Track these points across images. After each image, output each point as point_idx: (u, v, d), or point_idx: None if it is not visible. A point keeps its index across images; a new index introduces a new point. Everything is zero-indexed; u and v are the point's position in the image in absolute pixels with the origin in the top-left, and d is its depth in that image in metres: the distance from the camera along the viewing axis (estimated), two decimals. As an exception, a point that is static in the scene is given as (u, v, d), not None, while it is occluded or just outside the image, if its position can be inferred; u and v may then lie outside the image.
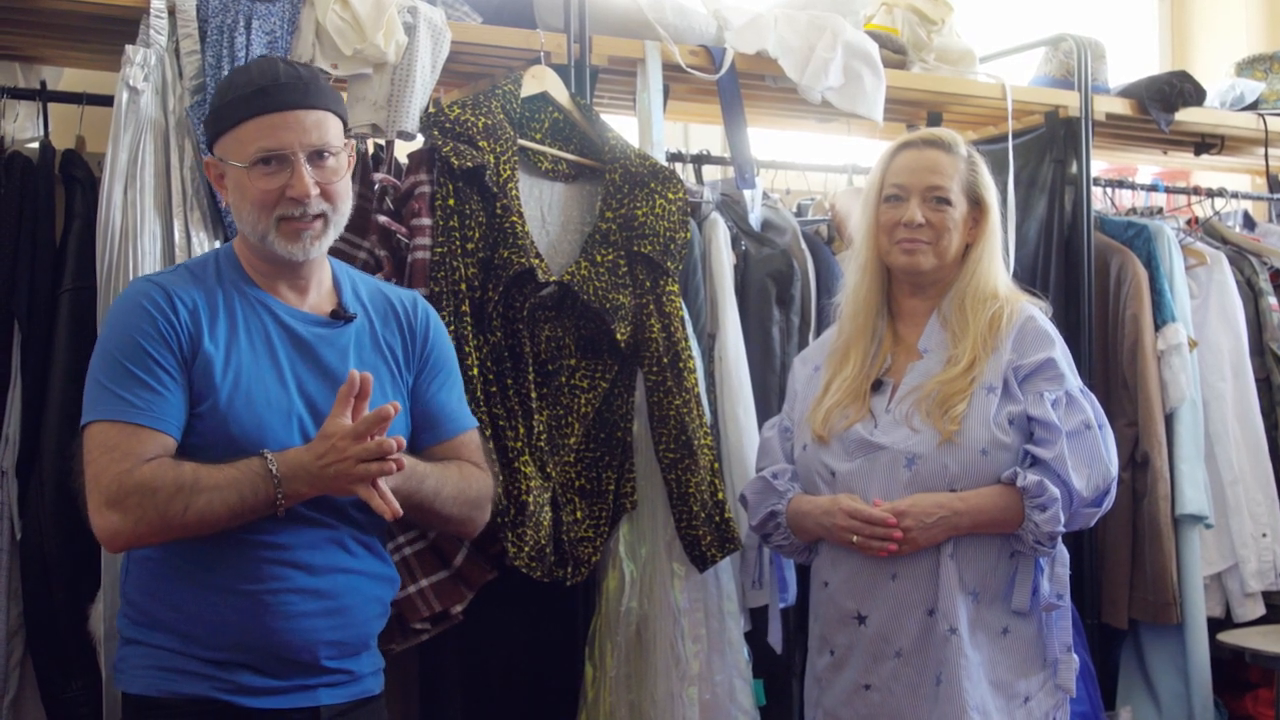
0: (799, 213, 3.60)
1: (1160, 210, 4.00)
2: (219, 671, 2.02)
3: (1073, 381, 2.54)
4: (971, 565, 2.48)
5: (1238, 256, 3.88)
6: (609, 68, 3.00)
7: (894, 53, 3.45)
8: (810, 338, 3.12)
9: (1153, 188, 4.01)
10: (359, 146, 2.75)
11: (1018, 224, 3.51)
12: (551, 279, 2.68)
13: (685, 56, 3.07)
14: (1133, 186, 4.03)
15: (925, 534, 2.44)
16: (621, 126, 2.95)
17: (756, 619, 2.96)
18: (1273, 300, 3.84)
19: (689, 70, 3.07)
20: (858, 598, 2.52)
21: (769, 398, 3.05)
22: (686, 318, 2.88)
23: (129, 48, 2.50)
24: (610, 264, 2.75)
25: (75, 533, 2.02)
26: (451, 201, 2.60)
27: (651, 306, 2.78)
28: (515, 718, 2.83)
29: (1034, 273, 3.51)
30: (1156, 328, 3.54)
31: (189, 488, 1.93)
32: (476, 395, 2.54)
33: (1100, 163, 4.30)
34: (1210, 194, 4.02)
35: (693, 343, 2.87)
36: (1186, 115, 3.81)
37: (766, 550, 2.78)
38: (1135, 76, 3.85)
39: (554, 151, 2.84)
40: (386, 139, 2.72)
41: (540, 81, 2.81)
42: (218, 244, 2.49)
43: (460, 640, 2.69)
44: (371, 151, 2.77)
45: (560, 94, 2.84)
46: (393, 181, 2.67)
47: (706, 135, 3.82)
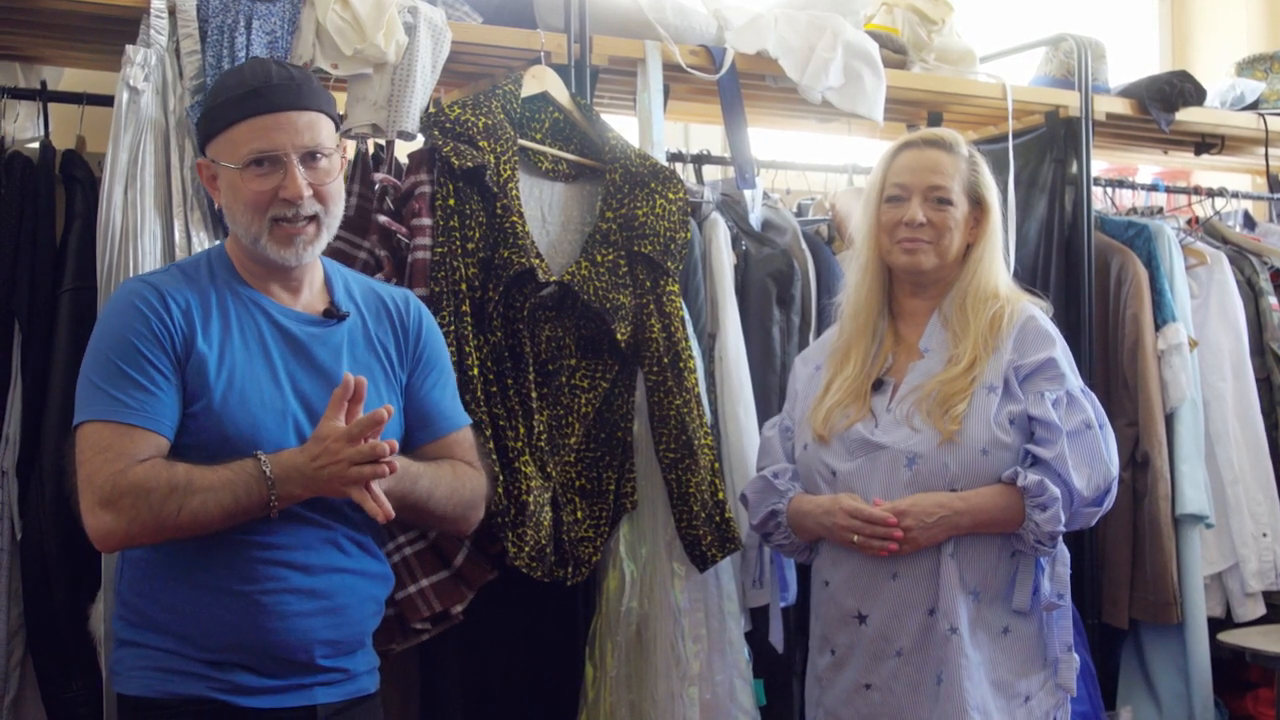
0: (799, 213, 3.60)
1: (1160, 210, 4.00)
2: (215, 672, 2.02)
3: (1073, 381, 2.54)
4: (972, 565, 2.48)
5: (1238, 256, 3.88)
6: (609, 68, 3.00)
7: (894, 53, 3.44)
8: (810, 338, 3.12)
9: (1153, 187, 4.01)
10: (359, 147, 2.75)
11: (1018, 224, 3.50)
12: (552, 279, 2.67)
13: (685, 56, 3.06)
14: (1133, 186, 4.03)
15: (926, 533, 2.44)
16: (622, 126, 2.95)
17: (757, 619, 2.96)
18: (1273, 300, 3.84)
19: (689, 70, 3.07)
20: (858, 597, 2.52)
21: (769, 397, 3.05)
22: (687, 317, 2.88)
23: (129, 48, 2.50)
24: (610, 264, 2.75)
25: (76, 533, 2.02)
26: (452, 201, 2.60)
27: (652, 306, 2.78)
28: (516, 718, 2.83)
29: (1034, 272, 3.51)
30: (1157, 327, 3.54)
31: (183, 489, 1.93)
32: (477, 395, 2.53)
33: (1100, 162, 4.30)
34: (1210, 194, 4.02)
35: (693, 343, 2.87)
36: (1187, 115, 3.81)
37: (767, 549, 2.78)
38: (1135, 76, 3.85)
39: (554, 151, 2.83)
40: (387, 139, 2.72)
41: (540, 81, 2.81)
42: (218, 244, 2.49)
43: (460, 640, 2.69)
44: (372, 151, 2.77)
45: (560, 94, 2.84)
46: (393, 181, 2.67)
47: (707, 135, 3.82)
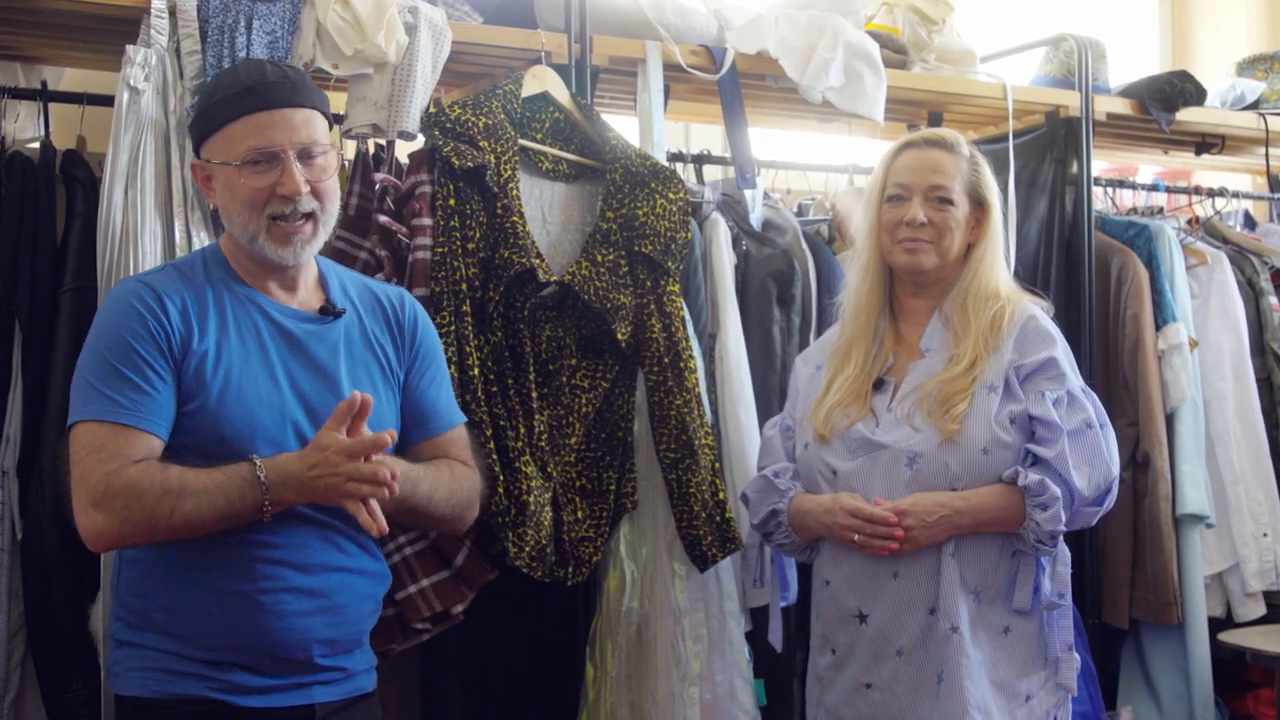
0: (800, 212, 3.60)
1: (1161, 210, 4.00)
2: (213, 671, 2.02)
3: (1074, 381, 2.54)
4: (973, 564, 2.47)
5: (1238, 256, 3.88)
6: (610, 68, 3.00)
7: (895, 52, 3.44)
8: (811, 337, 3.12)
9: (1153, 187, 4.00)
10: (360, 147, 2.75)
11: (1018, 224, 3.50)
12: (552, 279, 2.67)
13: (686, 56, 3.06)
14: (1133, 186, 4.03)
15: (926, 533, 2.44)
16: (622, 126, 2.95)
17: (757, 619, 2.96)
18: (1273, 300, 3.84)
19: (690, 70, 3.07)
20: (859, 596, 2.52)
21: (770, 397, 3.05)
22: (687, 317, 2.88)
23: (130, 48, 2.50)
24: (611, 264, 2.74)
25: (76, 533, 2.02)
26: (452, 201, 2.60)
27: (652, 306, 2.78)
28: (516, 718, 2.83)
29: (1035, 272, 3.51)
30: (1157, 327, 3.54)
31: (175, 491, 1.92)
32: (478, 395, 2.53)
33: (1101, 162, 4.30)
34: (1211, 194, 4.02)
35: (693, 342, 2.87)
36: (1187, 115, 3.81)
37: (768, 549, 2.78)
38: (1136, 76, 3.85)
39: (555, 151, 2.83)
40: (387, 139, 2.72)
41: (541, 81, 2.81)
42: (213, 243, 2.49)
43: (461, 640, 2.69)
44: (372, 151, 2.77)
45: (561, 94, 2.84)
46: (393, 181, 2.67)
47: (707, 135, 3.82)
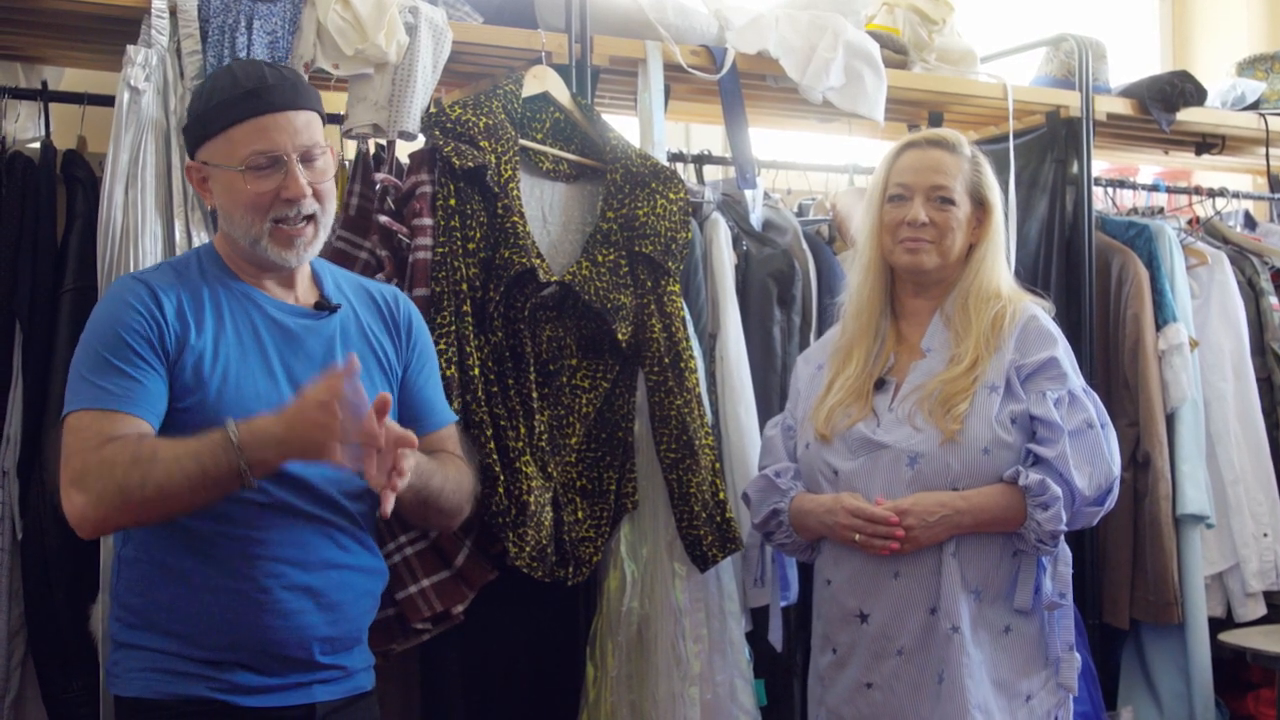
0: (800, 213, 3.60)
1: (1161, 210, 4.00)
2: (214, 671, 2.01)
3: (1075, 381, 2.54)
4: (974, 564, 2.47)
5: (1239, 256, 3.88)
6: (610, 68, 3.00)
7: (895, 53, 3.44)
8: (811, 337, 3.12)
9: (1154, 187, 4.00)
10: (360, 147, 2.75)
11: (1019, 224, 3.50)
12: (553, 279, 2.67)
13: (686, 56, 3.06)
14: (1134, 186, 4.03)
15: (927, 533, 2.44)
16: (622, 126, 2.95)
17: (758, 619, 2.95)
18: (1274, 300, 3.84)
19: (690, 70, 3.07)
20: (860, 596, 2.52)
21: (770, 397, 3.05)
22: (688, 317, 2.88)
23: (130, 48, 2.50)
24: (611, 264, 2.74)
25: (76, 533, 2.02)
26: (453, 201, 2.60)
27: (653, 306, 2.78)
28: (516, 718, 2.83)
29: (1035, 272, 3.51)
30: (1158, 327, 3.54)
31: (146, 459, 1.88)
32: (478, 395, 2.53)
33: (1101, 162, 4.30)
34: (1211, 194, 4.02)
35: (694, 342, 2.86)
36: (1187, 115, 3.81)
37: (769, 549, 2.78)
38: (1136, 76, 3.85)
39: (555, 151, 2.83)
40: (388, 139, 2.71)
41: (541, 81, 2.81)
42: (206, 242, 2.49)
43: (461, 640, 2.68)
44: (373, 151, 2.77)
45: (561, 94, 2.84)
46: (394, 181, 2.67)
47: (708, 135, 3.82)
